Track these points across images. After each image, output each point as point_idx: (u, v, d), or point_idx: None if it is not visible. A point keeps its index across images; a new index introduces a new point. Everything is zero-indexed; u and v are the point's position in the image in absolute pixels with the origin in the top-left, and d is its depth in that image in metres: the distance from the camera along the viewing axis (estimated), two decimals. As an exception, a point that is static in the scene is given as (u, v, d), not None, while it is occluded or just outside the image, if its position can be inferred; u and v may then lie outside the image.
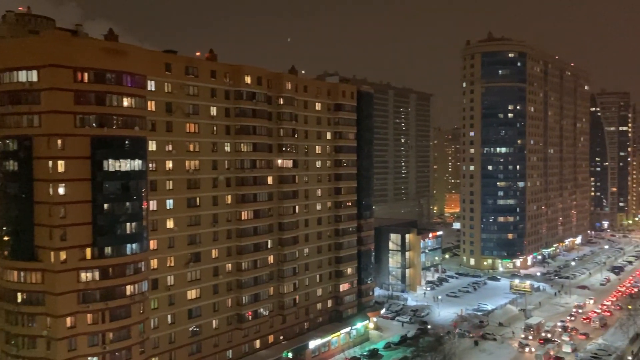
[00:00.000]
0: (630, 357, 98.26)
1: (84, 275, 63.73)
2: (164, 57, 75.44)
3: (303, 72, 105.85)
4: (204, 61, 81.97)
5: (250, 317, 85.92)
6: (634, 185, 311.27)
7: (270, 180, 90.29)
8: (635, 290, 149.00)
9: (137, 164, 67.28)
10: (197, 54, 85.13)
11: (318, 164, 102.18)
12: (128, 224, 66.43)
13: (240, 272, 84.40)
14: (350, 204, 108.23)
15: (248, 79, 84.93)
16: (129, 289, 66.42)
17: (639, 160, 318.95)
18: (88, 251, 64.04)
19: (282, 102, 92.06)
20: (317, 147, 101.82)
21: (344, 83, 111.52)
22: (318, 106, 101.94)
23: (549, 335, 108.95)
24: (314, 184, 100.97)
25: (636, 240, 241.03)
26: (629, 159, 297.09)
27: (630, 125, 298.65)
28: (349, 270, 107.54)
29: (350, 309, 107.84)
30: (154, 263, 72.90)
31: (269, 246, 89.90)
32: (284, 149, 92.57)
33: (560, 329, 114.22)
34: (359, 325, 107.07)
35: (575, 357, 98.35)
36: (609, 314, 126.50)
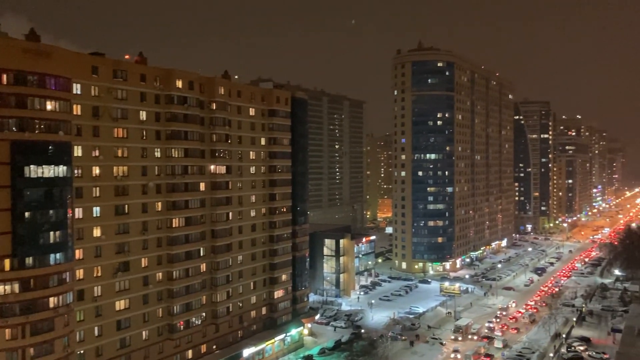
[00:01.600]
0: (552, 354, 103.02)
1: (2, 288, 60.23)
2: (91, 60, 72.74)
3: (236, 77, 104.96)
4: (133, 64, 79.65)
5: (181, 327, 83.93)
6: (555, 190, 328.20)
7: (202, 186, 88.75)
8: (557, 290, 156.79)
9: (61, 170, 64.47)
10: (127, 57, 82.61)
11: (252, 169, 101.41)
12: (51, 232, 63.47)
13: (172, 281, 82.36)
14: (284, 210, 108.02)
15: (179, 83, 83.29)
16: (52, 301, 63.42)
17: (559, 167, 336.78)
18: (7, 262, 60.60)
19: (214, 107, 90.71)
20: (251, 152, 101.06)
21: (278, 89, 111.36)
22: (252, 112, 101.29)
23: (475, 338, 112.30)
24: (248, 190, 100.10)
25: (557, 242, 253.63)
26: (550, 165, 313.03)
27: (550, 132, 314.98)
28: (284, 277, 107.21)
29: (285, 316, 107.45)
30: (79, 273, 70.03)
31: (202, 254, 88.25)
32: (217, 154, 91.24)
33: (487, 330, 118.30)
34: (294, 331, 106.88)
35: (502, 357, 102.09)
36: (536, 310, 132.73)
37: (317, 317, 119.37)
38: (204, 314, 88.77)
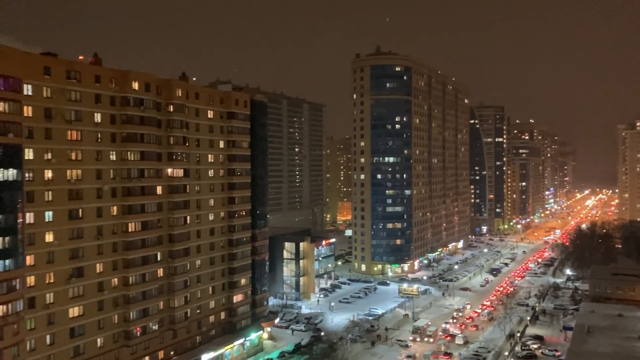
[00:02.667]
0: (507, 353, 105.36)
1: (-52, 296, 57.92)
2: (43, 60, 70.72)
3: (195, 79, 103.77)
4: (88, 65, 77.83)
5: (138, 333, 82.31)
6: (509, 193, 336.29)
7: (159, 190, 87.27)
8: (511, 290, 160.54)
9: (10, 173, 62.39)
10: (80, 57, 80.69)
11: (211, 173, 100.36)
12: (0, 238, 61.26)
13: (128, 287, 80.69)
14: (244, 213, 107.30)
15: (135, 85, 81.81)
16: (1, 309, 61.28)
17: (513, 170, 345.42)
18: (-47, 269, 58.28)
19: (172, 109, 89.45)
20: (209, 155, 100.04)
21: (237, 91, 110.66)
22: (210, 114, 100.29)
23: (431, 340, 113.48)
24: (206, 194, 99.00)
25: (511, 243, 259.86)
26: (504, 168, 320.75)
27: (505, 136, 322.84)
28: (243, 281, 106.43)
29: (244, 320, 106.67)
30: (30, 280, 67.85)
31: (159, 259, 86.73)
32: (174, 157, 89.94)
33: (441, 332, 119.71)
34: (253, 336, 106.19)
35: (459, 356, 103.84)
36: (493, 309, 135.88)
37: (277, 320, 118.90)
38: (161, 319, 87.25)
